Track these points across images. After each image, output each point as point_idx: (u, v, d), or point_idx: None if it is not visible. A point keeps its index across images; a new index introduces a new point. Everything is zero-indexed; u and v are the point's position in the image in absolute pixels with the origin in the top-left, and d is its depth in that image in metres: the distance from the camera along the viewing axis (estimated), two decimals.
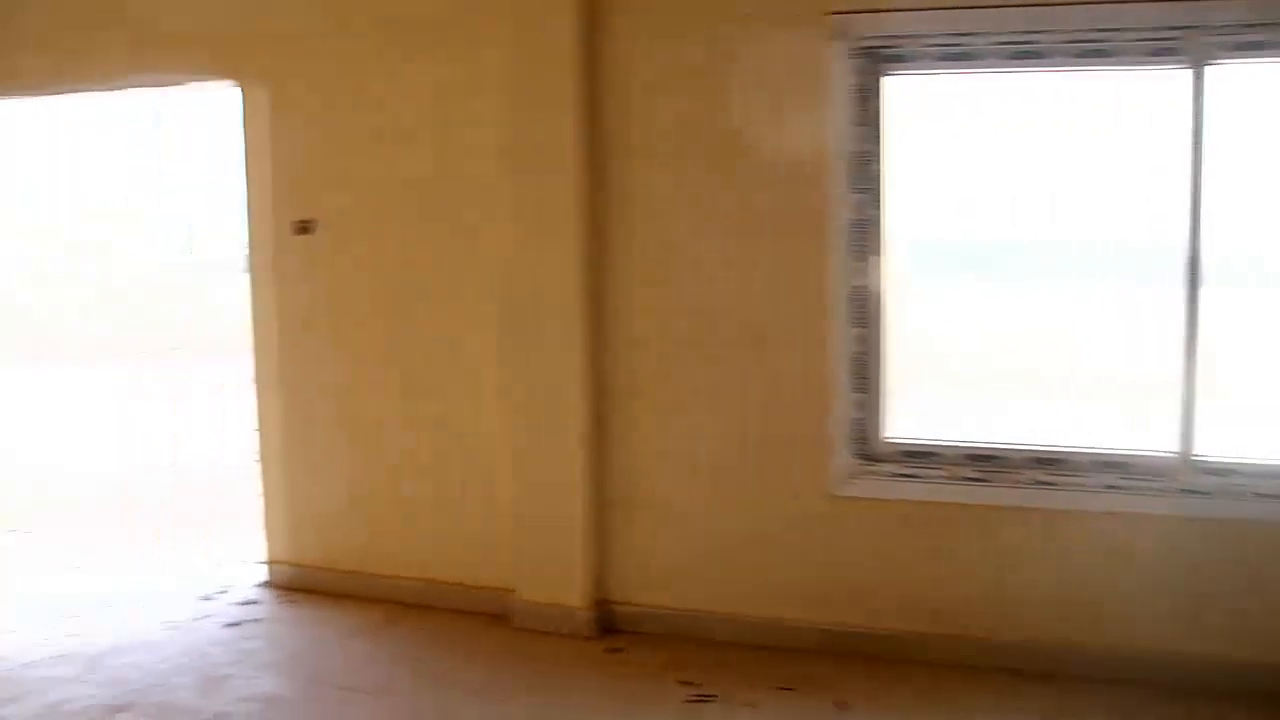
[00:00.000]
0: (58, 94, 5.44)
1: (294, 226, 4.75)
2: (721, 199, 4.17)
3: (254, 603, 4.84)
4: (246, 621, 4.62)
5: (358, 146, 4.67)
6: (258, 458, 5.08)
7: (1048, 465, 3.99)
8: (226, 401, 8.16)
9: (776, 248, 4.14)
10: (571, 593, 4.39)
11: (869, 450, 4.15)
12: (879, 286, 4.09)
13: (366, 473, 4.82)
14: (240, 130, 4.88)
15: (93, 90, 5.34)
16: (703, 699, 3.85)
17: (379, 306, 4.72)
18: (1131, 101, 4.27)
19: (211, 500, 6.50)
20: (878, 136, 4.03)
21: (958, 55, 3.92)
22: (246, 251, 4.96)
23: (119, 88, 5.29)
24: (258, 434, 5.06)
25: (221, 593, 4.96)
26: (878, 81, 4.01)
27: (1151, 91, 4.09)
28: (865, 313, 4.09)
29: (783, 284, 4.14)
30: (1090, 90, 4.31)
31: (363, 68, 4.62)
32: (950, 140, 4.62)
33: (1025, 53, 3.85)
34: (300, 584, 4.95)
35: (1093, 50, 3.79)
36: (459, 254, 4.56)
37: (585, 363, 4.31)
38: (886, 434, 4.17)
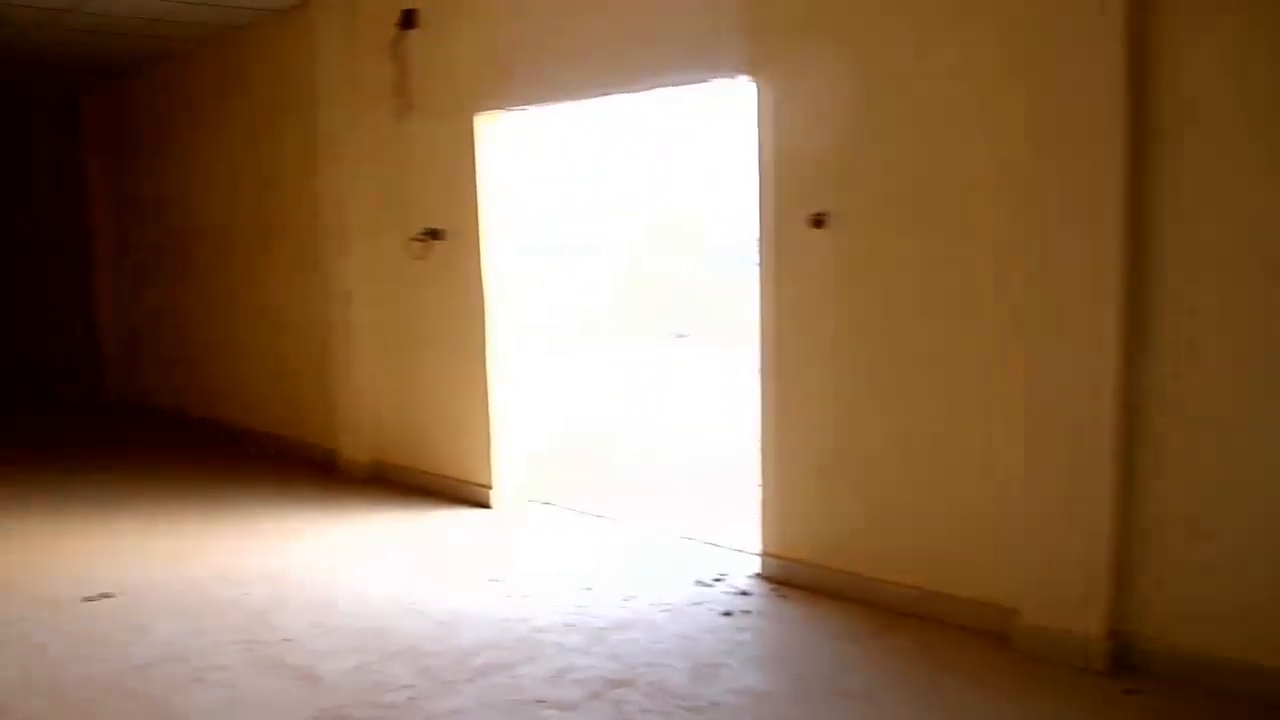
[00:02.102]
0: (596, 98, 5.80)
1: (810, 220, 4.72)
2: None
3: (747, 594, 4.89)
4: (739, 612, 4.67)
5: (868, 138, 4.55)
6: (759, 449, 5.12)
7: None
8: (738, 389, 8.40)
9: None
10: (1086, 621, 3.98)
11: None
12: None
13: (865, 473, 4.70)
14: (755, 125, 4.92)
15: (625, 93, 5.65)
16: None
17: (886, 304, 4.56)
18: None
19: (718, 486, 6.71)
20: None
21: None
22: (757, 245, 5.00)
23: (646, 89, 5.54)
24: (760, 425, 5.10)
25: (718, 580, 5.07)
26: None
27: None
28: None
29: None
30: None
31: (874, 59, 4.50)
32: None
33: None
34: (792, 578, 4.95)
35: None
36: (972, 249, 4.29)
37: (1119, 370, 3.87)
38: None
